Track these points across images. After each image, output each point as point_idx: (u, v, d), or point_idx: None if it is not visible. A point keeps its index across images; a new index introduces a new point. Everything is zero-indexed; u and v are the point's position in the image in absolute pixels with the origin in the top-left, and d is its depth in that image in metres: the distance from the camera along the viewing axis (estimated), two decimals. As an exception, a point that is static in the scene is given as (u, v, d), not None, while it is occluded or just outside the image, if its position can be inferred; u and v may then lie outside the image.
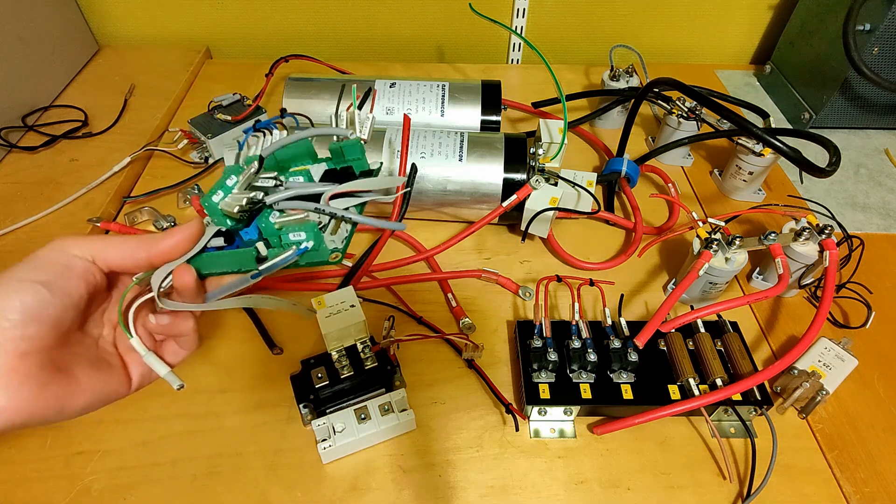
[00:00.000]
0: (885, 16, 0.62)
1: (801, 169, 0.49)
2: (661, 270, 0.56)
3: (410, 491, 0.41)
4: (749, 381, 0.41)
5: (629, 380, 0.44)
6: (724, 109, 0.51)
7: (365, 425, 0.42)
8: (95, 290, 0.28)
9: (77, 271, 0.27)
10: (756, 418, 0.45)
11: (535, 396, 0.43)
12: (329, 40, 0.88)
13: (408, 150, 0.53)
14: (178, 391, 0.30)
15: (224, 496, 0.40)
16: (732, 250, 0.48)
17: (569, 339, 0.45)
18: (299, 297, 0.53)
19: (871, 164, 0.70)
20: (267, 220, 0.28)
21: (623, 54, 0.74)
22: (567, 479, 0.42)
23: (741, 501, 0.41)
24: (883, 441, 0.44)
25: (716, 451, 0.43)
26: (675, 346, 0.46)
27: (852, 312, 0.53)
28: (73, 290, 0.26)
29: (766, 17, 0.86)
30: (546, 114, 0.73)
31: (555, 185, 0.56)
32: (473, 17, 0.66)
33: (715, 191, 0.66)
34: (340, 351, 0.44)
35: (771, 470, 0.41)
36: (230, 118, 0.66)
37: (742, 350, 0.45)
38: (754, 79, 0.85)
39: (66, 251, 0.27)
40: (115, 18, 0.85)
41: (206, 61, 0.85)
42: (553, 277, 0.52)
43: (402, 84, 0.63)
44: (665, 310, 0.43)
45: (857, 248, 0.52)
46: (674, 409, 0.41)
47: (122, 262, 0.28)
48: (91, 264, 0.27)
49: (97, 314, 0.30)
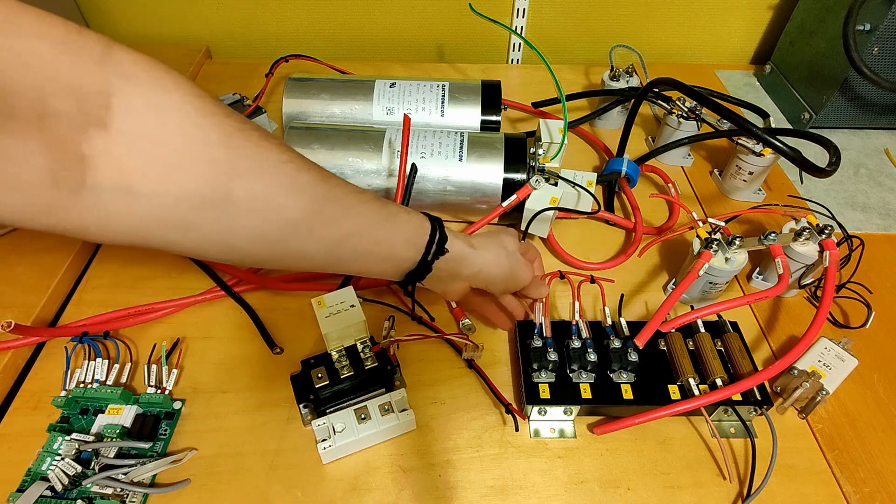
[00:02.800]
0: (885, 16, 0.62)
1: (801, 169, 0.49)
2: (661, 270, 0.56)
3: (410, 491, 0.41)
4: (749, 381, 0.41)
5: (629, 380, 0.44)
6: (724, 109, 0.51)
7: (365, 425, 0.42)
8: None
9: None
10: (756, 418, 0.45)
11: (536, 396, 0.43)
12: (329, 40, 0.88)
13: (408, 150, 0.53)
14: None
15: (224, 496, 0.40)
16: (732, 250, 0.48)
17: (569, 338, 0.45)
18: (299, 296, 0.53)
19: (871, 164, 0.70)
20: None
21: (623, 54, 0.74)
22: (567, 479, 0.42)
23: (741, 501, 0.41)
24: (883, 441, 0.44)
25: (716, 452, 0.43)
26: (675, 346, 0.46)
27: (852, 312, 0.53)
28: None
29: (766, 17, 0.86)
30: (546, 114, 0.73)
31: (555, 185, 0.56)
32: (473, 17, 0.66)
33: (715, 191, 0.66)
34: (340, 351, 0.44)
35: (771, 470, 0.41)
36: (230, 118, 0.66)
37: (742, 350, 0.45)
38: (754, 79, 0.85)
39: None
40: (115, 18, 0.85)
41: (206, 61, 0.85)
42: (556, 273, 0.52)
43: (402, 84, 0.63)
44: (665, 310, 0.42)
45: (858, 249, 0.52)
46: (674, 409, 0.41)
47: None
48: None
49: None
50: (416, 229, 0.38)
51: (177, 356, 0.47)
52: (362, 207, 0.35)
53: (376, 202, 0.36)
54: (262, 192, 0.30)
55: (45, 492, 0.38)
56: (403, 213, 0.38)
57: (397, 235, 0.38)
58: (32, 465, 0.40)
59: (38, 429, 0.42)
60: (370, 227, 0.36)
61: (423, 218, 0.39)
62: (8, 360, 0.46)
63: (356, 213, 0.35)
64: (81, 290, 0.53)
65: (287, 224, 0.32)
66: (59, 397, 0.43)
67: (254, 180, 0.29)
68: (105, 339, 0.48)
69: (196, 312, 0.51)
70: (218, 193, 0.28)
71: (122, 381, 0.46)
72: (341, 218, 0.34)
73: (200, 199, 0.28)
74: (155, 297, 0.51)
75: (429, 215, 0.40)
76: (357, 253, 0.37)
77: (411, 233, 0.38)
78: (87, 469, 0.39)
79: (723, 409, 0.44)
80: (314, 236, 0.34)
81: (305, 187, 0.32)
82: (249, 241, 0.31)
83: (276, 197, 0.31)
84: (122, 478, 0.39)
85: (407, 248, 0.38)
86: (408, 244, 0.38)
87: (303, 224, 0.32)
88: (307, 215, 0.32)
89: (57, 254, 0.54)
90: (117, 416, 0.42)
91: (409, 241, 0.38)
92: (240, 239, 0.31)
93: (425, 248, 0.38)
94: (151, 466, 0.39)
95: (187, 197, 0.27)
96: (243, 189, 0.29)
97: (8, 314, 0.47)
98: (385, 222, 0.37)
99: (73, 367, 0.46)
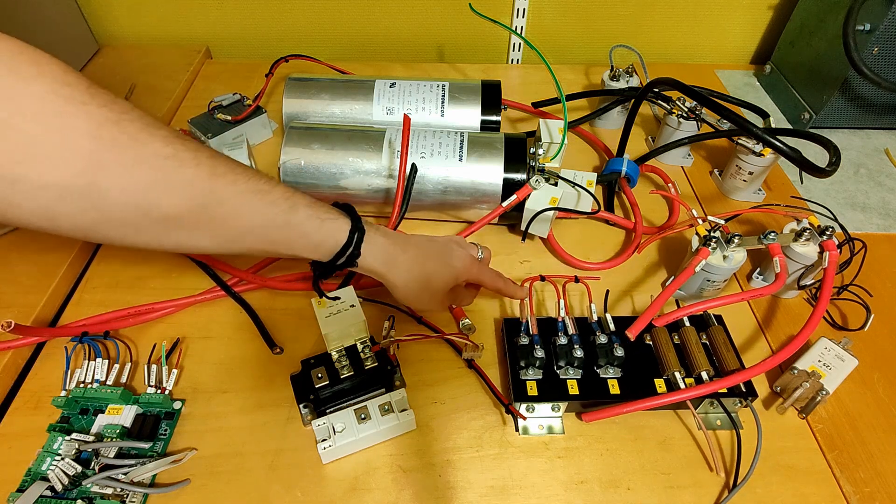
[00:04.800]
0: (885, 16, 0.62)
1: (801, 169, 0.49)
2: (660, 269, 0.56)
3: (410, 491, 0.41)
4: (737, 377, 0.42)
5: (616, 375, 0.44)
6: (724, 109, 0.51)
7: (365, 425, 0.42)
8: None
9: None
10: (741, 410, 0.45)
11: (523, 393, 0.43)
12: (329, 40, 0.88)
13: (408, 150, 0.53)
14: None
15: (224, 496, 0.40)
16: (731, 248, 0.48)
17: (555, 335, 0.46)
18: (299, 296, 0.53)
19: (871, 164, 0.70)
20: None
21: (623, 54, 0.74)
22: (567, 479, 0.42)
23: (727, 492, 0.41)
24: (883, 441, 0.44)
25: (702, 444, 0.43)
26: (661, 341, 0.46)
27: (851, 315, 0.53)
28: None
29: (766, 17, 0.86)
30: (546, 114, 0.73)
31: (555, 185, 0.56)
32: (473, 17, 0.66)
33: (715, 191, 0.66)
34: (340, 351, 0.44)
35: (756, 461, 0.41)
36: (230, 118, 0.66)
37: (727, 343, 0.45)
38: (754, 79, 0.85)
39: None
40: (115, 18, 0.85)
41: (206, 61, 0.85)
42: (536, 278, 0.52)
43: (402, 84, 0.63)
44: (659, 303, 0.43)
45: (859, 252, 0.52)
46: (662, 399, 0.42)
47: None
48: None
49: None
50: (324, 238, 0.38)
51: (177, 356, 0.47)
52: (253, 209, 0.34)
53: (276, 206, 0.35)
54: (131, 187, 0.29)
55: (45, 492, 0.38)
56: (312, 219, 0.37)
57: (297, 241, 0.37)
58: (32, 465, 0.40)
59: (38, 429, 0.42)
60: (264, 228, 0.35)
61: (339, 227, 0.38)
62: (8, 360, 0.46)
63: (246, 213, 0.34)
64: (81, 290, 0.53)
65: (165, 219, 0.31)
66: (59, 397, 0.43)
67: (122, 174, 0.29)
68: (105, 339, 0.48)
69: (196, 312, 0.51)
70: (81, 183, 0.28)
71: (122, 381, 0.46)
72: (228, 217, 0.34)
73: (61, 189, 0.27)
74: (155, 297, 0.51)
75: (357, 224, 0.39)
76: (256, 248, 0.37)
77: (318, 240, 0.38)
78: (87, 469, 0.39)
79: (709, 401, 0.44)
80: (201, 232, 0.33)
81: (185, 184, 0.31)
82: (126, 232, 0.31)
83: (150, 192, 0.30)
84: (122, 478, 0.39)
85: (310, 252, 0.38)
86: (309, 250, 0.38)
87: (184, 220, 0.32)
88: (187, 212, 0.32)
89: (57, 254, 0.54)
90: (117, 416, 0.42)
91: (310, 247, 0.38)
92: (115, 230, 0.31)
93: (335, 254, 0.38)
94: (151, 466, 0.39)
95: (45, 186, 0.27)
96: (111, 182, 0.28)
97: (8, 314, 0.47)
98: (283, 227, 0.36)
99: (73, 367, 0.46)
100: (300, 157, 0.56)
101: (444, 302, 0.45)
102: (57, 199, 0.28)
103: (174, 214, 0.31)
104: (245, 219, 0.34)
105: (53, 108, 0.27)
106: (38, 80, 0.26)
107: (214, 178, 0.32)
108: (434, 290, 0.43)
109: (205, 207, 0.32)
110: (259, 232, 0.35)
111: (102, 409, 0.43)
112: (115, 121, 0.28)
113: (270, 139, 0.71)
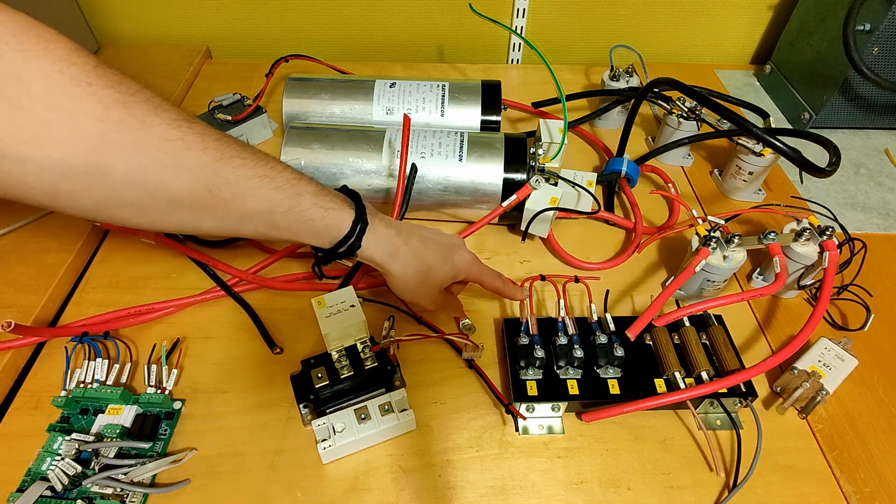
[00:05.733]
0: (885, 16, 0.62)
1: (801, 169, 0.49)
2: (660, 269, 0.56)
3: (410, 491, 0.41)
4: (738, 377, 0.42)
5: (616, 375, 0.44)
6: (724, 109, 0.51)
7: (365, 425, 0.42)
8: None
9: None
10: (741, 410, 0.45)
11: (523, 393, 0.43)
12: (329, 40, 0.88)
13: (408, 150, 0.53)
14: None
15: (224, 496, 0.40)
16: (731, 248, 0.48)
17: (555, 335, 0.46)
18: (299, 296, 0.53)
19: (871, 164, 0.70)
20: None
21: (623, 54, 0.74)
22: (567, 478, 0.42)
23: (727, 492, 0.41)
24: (883, 441, 0.44)
25: (702, 444, 0.43)
26: (661, 341, 0.46)
27: (851, 315, 0.53)
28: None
29: (766, 17, 0.86)
30: (546, 114, 0.73)
31: (555, 185, 0.56)
32: (473, 17, 0.66)
33: (715, 191, 0.66)
34: (340, 351, 0.44)
35: (756, 460, 0.41)
36: (230, 118, 0.66)
37: (727, 343, 0.45)
38: (754, 79, 0.85)
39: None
40: (115, 18, 0.85)
41: (206, 61, 0.85)
42: (536, 277, 0.52)
43: (402, 84, 0.63)
44: (659, 303, 0.43)
45: (859, 252, 0.52)
46: (662, 399, 0.42)
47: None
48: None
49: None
50: (327, 227, 0.38)
51: (177, 356, 0.47)
52: (258, 194, 0.35)
53: (281, 192, 0.36)
54: (137, 169, 0.30)
55: (45, 492, 0.38)
56: (316, 208, 0.38)
57: (300, 228, 0.38)
58: (32, 465, 0.40)
59: (38, 429, 0.42)
60: (268, 214, 0.36)
61: (342, 217, 0.39)
62: (8, 360, 0.46)
63: (251, 198, 0.35)
64: (81, 290, 0.53)
65: (171, 201, 0.32)
66: (59, 397, 0.43)
67: (129, 156, 0.29)
68: (105, 339, 0.48)
69: (196, 312, 0.51)
70: (87, 164, 0.28)
71: (122, 381, 0.46)
72: (233, 201, 0.34)
73: (67, 168, 0.28)
74: (155, 297, 0.51)
75: (360, 215, 0.39)
76: (259, 232, 0.37)
77: (320, 228, 0.38)
78: (87, 469, 0.39)
79: (709, 401, 0.44)
80: (205, 214, 0.34)
81: (191, 167, 0.31)
82: (131, 213, 0.31)
83: (156, 174, 0.30)
84: (122, 478, 0.39)
85: (312, 238, 0.39)
86: (311, 237, 0.38)
87: (188, 203, 0.32)
88: (192, 195, 0.32)
89: (57, 254, 0.54)
90: (117, 416, 0.42)
91: (312, 234, 0.38)
92: (120, 210, 0.31)
93: (336, 243, 0.39)
94: (151, 466, 0.39)
95: (51, 166, 0.27)
96: (117, 164, 0.29)
97: (8, 314, 0.47)
98: (287, 213, 0.36)
99: (73, 367, 0.46)
100: (300, 157, 0.56)
101: (437, 299, 0.45)
102: (63, 179, 0.28)
103: (179, 197, 0.32)
104: (249, 204, 0.35)
105: (61, 87, 0.27)
106: (45, 57, 0.26)
107: (221, 162, 0.33)
108: (431, 284, 0.43)
109: (210, 191, 0.33)
110: (263, 217, 0.36)
111: (102, 409, 0.43)
112: (122, 102, 0.29)
113: (270, 139, 0.71)
